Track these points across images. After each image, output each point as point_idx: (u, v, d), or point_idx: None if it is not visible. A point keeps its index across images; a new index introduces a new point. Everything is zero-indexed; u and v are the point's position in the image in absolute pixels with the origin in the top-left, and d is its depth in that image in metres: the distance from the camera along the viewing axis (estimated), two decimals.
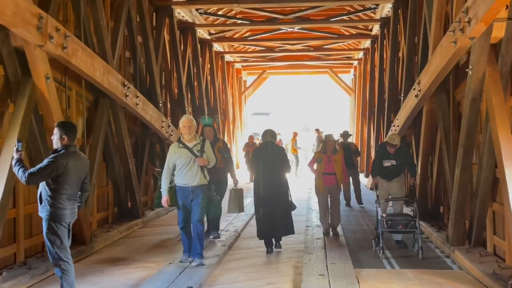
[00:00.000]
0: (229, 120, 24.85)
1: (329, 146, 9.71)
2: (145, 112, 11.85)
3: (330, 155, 9.68)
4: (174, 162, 7.87)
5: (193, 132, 7.88)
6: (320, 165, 9.76)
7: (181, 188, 7.85)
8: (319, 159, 9.78)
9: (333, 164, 9.66)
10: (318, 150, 10.21)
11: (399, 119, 12.52)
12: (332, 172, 9.70)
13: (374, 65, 20.61)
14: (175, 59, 16.12)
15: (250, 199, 15.46)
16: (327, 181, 9.74)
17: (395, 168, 9.25)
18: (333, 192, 9.93)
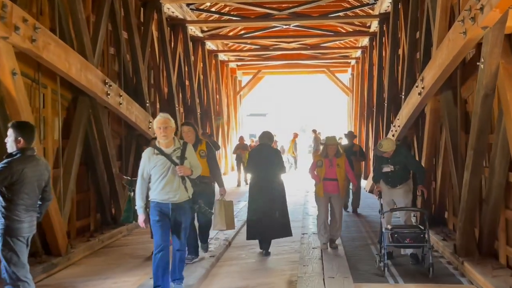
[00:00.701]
0: (223, 121, 24.09)
1: (331, 150, 8.58)
2: (129, 112, 11.11)
3: (332, 158, 8.63)
4: (148, 172, 6.25)
5: (170, 135, 6.24)
6: (320, 169, 8.69)
7: (158, 205, 6.19)
8: (319, 162, 8.71)
9: (335, 168, 8.59)
10: (319, 153, 9.14)
11: (400, 119, 11.79)
12: (334, 177, 8.61)
13: (373, 64, 19.88)
14: (164, 57, 15.37)
15: (243, 203, 14.79)
16: (328, 187, 8.67)
17: (396, 174, 8.16)
18: (335, 200, 8.82)
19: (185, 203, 6.27)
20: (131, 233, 11.07)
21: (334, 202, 8.86)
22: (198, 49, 19.86)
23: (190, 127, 7.96)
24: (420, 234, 7.46)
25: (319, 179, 8.68)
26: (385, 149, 7.98)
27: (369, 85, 20.27)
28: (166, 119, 6.23)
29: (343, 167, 8.65)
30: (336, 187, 8.67)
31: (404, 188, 8.30)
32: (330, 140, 8.86)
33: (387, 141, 8.26)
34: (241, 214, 13.05)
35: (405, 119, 11.14)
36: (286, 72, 30.63)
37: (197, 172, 6.42)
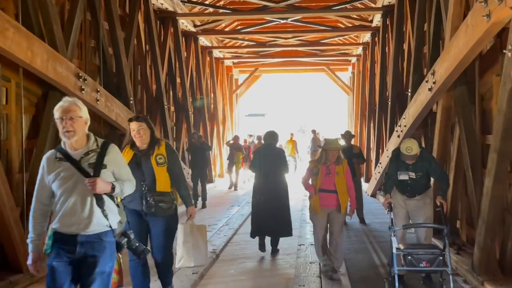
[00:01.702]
0: (218, 121, 23.05)
1: (331, 156, 6.97)
2: (109, 109, 10.08)
3: (331, 165, 7.04)
4: (49, 187, 4.08)
5: (80, 130, 4.10)
6: (315, 178, 7.06)
7: (61, 237, 4.01)
8: (314, 170, 7.04)
9: (334, 177, 6.98)
10: (316, 158, 7.27)
11: (406, 118, 10.77)
12: (332, 189, 6.99)
13: (375, 61, 18.88)
14: (152, 52, 14.34)
15: (236, 209, 13.77)
16: (325, 201, 7.03)
17: (416, 182, 6.79)
18: (333, 217, 7.14)
19: (103, 236, 4.02)
20: None
21: (332, 219, 7.18)
22: (190, 45, 18.82)
23: (142, 123, 5.66)
24: (438, 255, 6.04)
25: (314, 191, 7.08)
26: (414, 152, 6.56)
27: (370, 83, 19.24)
28: (71, 105, 4.10)
29: (343, 177, 7.02)
30: (334, 201, 7.01)
31: (424, 199, 6.93)
32: (331, 143, 7.11)
33: (413, 142, 6.65)
34: (232, 221, 12.03)
35: (412, 119, 10.12)
36: (284, 71, 29.58)
37: (127, 190, 4.20)
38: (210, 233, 10.54)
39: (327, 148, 7.04)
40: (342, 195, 7.02)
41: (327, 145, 7.11)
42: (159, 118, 14.70)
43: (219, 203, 15.77)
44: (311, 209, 7.27)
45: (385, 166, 13.78)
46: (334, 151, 7.04)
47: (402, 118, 11.28)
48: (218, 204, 15.55)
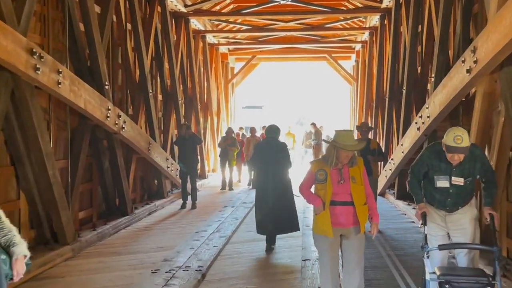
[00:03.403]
0: (212, 112, 21.32)
1: (345, 157, 5.08)
2: (75, 95, 8.37)
3: (344, 167, 5.15)
4: None
5: None
6: (323, 186, 5.13)
7: None
8: (320, 174, 5.12)
9: (349, 184, 5.10)
10: (321, 157, 5.50)
11: (430, 107, 9.09)
12: (348, 200, 5.10)
13: (384, 45, 17.16)
14: (135, 31, 12.61)
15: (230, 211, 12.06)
16: (338, 218, 5.10)
17: (460, 191, 5.07)
18: (351, 241, 5.21)
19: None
20: (78, 254, 8.41)
21: (347, 244, 5.24)
22: (181, 27, 17.06)
23: None
24: (486, 285, 4.58)
25: (321, 203, 5.13)
26: (465, 143, 4.80)
27: (378, 70, 17.53)
28: None
29: (361, 182, 5.15)
30: (351, 217, 5.10)
31: (469, 212, 5.19)
32: (345, 137, 5.08)
33: (462, 130, 4.88)
34: (224, 227, 10.38)
35: (440, 108, 8.45)
36: (283, 59, 27.79)
37: None
38: (198, 242, 8.96)
39: (342, 148, 5.03)
40: (361, 208, 5.13)
41: (340, 142, 5.04)
42: (143, 107, 13.00)
43: (211, 203, 14.12)
44: (317, 230, 5.23)
45: (398, 163, 12.13)
46: (348, 153, 5.07)
47: (424, 107, 9.61)
48: (210, 204, 13.89)
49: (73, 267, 7.75)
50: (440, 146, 5.01)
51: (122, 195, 11.02)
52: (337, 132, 5.21)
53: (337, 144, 5.06)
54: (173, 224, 11.05)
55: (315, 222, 5.26)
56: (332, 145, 5.13)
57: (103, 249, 8.84)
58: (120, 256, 8.36)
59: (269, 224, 8.50)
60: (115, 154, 10.68)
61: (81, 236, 8.93)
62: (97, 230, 9.53)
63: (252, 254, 8.45)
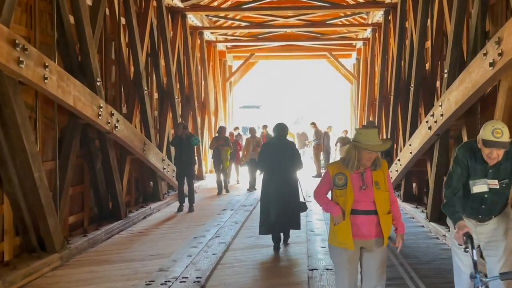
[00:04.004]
0: (210, 111, 20.71)
1: (368, 159, 4.45)
2: (63, 91, 7.76)
3: (366, 170, 4.53)
4: None
5: None
6: (342, 192, 4.50)
7: None
8: (339, 179, 4.51)
9: (372, 190, 4.48)
10: (342, 158, 4.70)
11: (444, 105, 8.51)
12: (371, 209, 4.48)
13: (388, 42, 16.61)
14: (129, 26, 12.00)
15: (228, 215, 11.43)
16: (360, 229, 4.48)
17: (496, 196, 4.36)
18: (372, 254, 4.57)
19: None
20: (68, 263, 7.81)
21: (368, 257, 4.58)
22: (177, 23, 16.47)
23: None
24: None
25: (340, 212, 4.51)
26: (506, 137, 4.10)
27: (382, 68, 16.96)
28: None
29: (385, 188, 4.52)
30: (373, 227, 4.48)
31: (503, 222, 4.45)
32: (369, 135, 4.45)
33: (501, 123, 4.22)
34: (224, 232, 9.77)
35: (456, 105, 7.87)
36: (282, 57, 27.16)
37: None
38: (195, 249, 8.36)
39: (365, 148, 4.40)
40: (385, 218, 4.49)
41: (363, 141, 4.42)
42: (138, 106, 12.40)
43: (209, 206, 13.54)
44: (335, 242, 4.58)
45: (405, 164, 11.55)
46: (371, 154, 4.43)
47: (436, 105, 9.03)
48: (208, 207, 13.31)
49: (61, 277, 7.16)
50: (474, 144, 4.33)
51: (116, 198, 10.41)
52: (359, 130, 4.59)
53: (359, 144, 4.43)
54: (170, 229, 10.45)
55: (333, 233, 4.61)
56: (353, 145, 4.48)
57: (95, 257, 8.24)
58: (112, 264, 7.76)
59: (274, 224, 8.40)
60: (108, 154, 10.07)
61: (71, 242, 8.32)
62: (88, 236, 8.92)
63: (254, 262, 7.86)
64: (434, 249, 8.43)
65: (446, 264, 7.58)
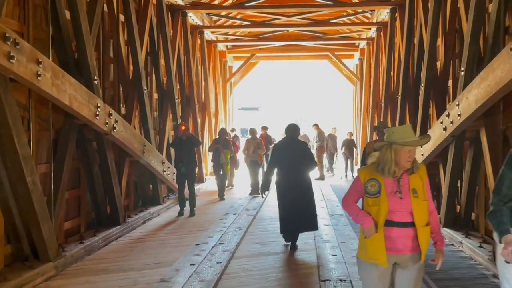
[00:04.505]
0: (210, 112, 20.24)
1: (406, 160, 3.92)
2: (58, 90, 7.28)
3: (403, 175, 4.00)
4: None
5: None
6: (375, 201, 3.98)
7: None
8: (371, 186, 3.99)
9: (409, 199, 3.94)
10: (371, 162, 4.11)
11: (462, 104, 8.04)
12: (408, 220, 3.95)
13: (394, 41, 16.17)
14: (128, 24, 11.53)
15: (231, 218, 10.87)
16: (394, 243, 3.96)
17: None
18: (407, 272, 4.04)
19: None
20: (62, 272, 7.32)
21: (404, 276, 4.06)
22: (178, 21, 16.01)
23: None
24: None
25: (372, 224, 3.97)
26: None
27: (388, 68, 16.51)
28: None
29: (424, 196, 3.99)
30: (409, 241, 3.96)
31: None
32: (404, 132, 3.96)
33: None
34: (228, 238, 9.28)
35: (476, 104, 7.40)
36: (283, 57, 26.71)
37: None
38: (199, 257, 7.88)
39: (403, 144, 3.88)
40: (423, 231, 3.96)
41: (398, 139, 3.90)
42: (137, 106, 11.92)
43: (210, 209, 13.08)
44: (365, 257, 4.05)
45: None
46: (412, 148, 3.93)
47: (453, 105, 8.55)
48: (209, 211, 12.84)
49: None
50: None
51: (114, 202, 9.92)
52: (391, 129, 4.05)
53: (395, 142, 3.91)
54: (171, 235, 9.97)
55: (363, 246, 4.09)
56: (388, 146, 3.96)
57: (91, 266, 7.75)
58: (110, 274, 7.28)
59: (292, 224, 8.47)
60: (106, 157, 9.59)
61: (66, 250, 7.84)
62: (84, 242, 8.44)
63: (262, 271, 7.37)
64: (451, 258, 7.95)
65: (465, 274, 7.14)
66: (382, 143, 4.02)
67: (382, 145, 4.01)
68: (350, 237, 9.23)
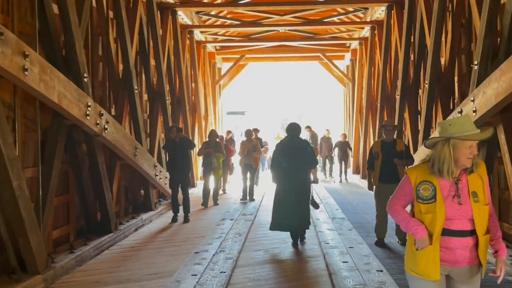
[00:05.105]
0: (200, 115, 19.66)
1: (467, 158, 3.36)
2: (46, 86, 6.69)
3: (462, 176, 3.46)
4: None
5: None
6: (429, 208, 3.40)
7: None
8: (425, 189, 3.42)
9: (469, 203, 3.39)
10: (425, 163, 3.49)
11: (478, 100, 7.58)
12: (468, 229, 3.39)
13: (390, 39, 15.75)
14: (118, 21, 10.96)
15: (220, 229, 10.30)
16: (451, 254, 3.41)
17: None
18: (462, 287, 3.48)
19: None
20: (52, 285, 6.70)
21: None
22: (167, 20, 15.46)
23: None
24: None
25: (425, 234, 3.40)
26: None
27: (384, 67, 16.08)
28: None
29: (484, 199, 3.44)
30: (467, 252, 3.41)
31: None
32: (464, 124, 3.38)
33: None
34: (228, 246, 8.72)
35: (496, 99, 6.93)
36: (273, 59, 26.18)
37: None
38: (200, 266, 7.31)
39: (464, 138, 3.32)
40: (484, 239, 3.41)
41: (457, 132, 3.34)
42: (128, 106, 11.33)
43: (205, 215, 12.51)
44: (414, 271, 3.47)
45: None
46: (473, 142, 3.36)
47: (467, 101, 8.09)
48: (204, 217, 12.28)
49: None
50: None
51: (105, 208, 9.32)
52: (447, 121, 3.45)
53: (453, 136, 3.35)
54: (166, 242, 9.38)
55: (413, 258, 3.50)
56: (445, 142, 3.38)
57: (83, 278, 7.15)
58: (104, 287, 6.69)
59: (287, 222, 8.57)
60: (96, 160, 8.99)
61: (56, 261, 7.22)
62: (75, 252, 7.83)
63: (269, 281, 6.82)
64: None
65: None
66: (436, 139, 3.46)
67: (436, 141, 3.44)
68: (358, 242, 8.72)
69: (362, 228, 10.11)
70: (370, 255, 7.68)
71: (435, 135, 3.96)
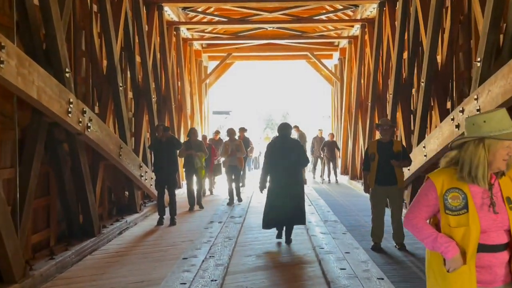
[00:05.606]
0: (186, 114, 19.17)
1: (503, 159, 2.89)
2: (24, 80, 6.21)
3: (496, 182, 2.98)
4: None
5: None
6: (459, 220, 2.91)
7: None
8: (454, 198, 2.91)
9: (505, 213, 2.91)
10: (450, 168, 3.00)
11: (482, 98, 7.22)
12: (503, 242, 2.94)
13: (382, 37, 15.42)
14: (102, 14, 10.48)
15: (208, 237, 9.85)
16: (486, 273, 2.94)
17: None
18: None
19: None
20: None
21: None
22: (153, 16, 14.98)
23: None
24: None
25: (457, 253, 2.90)
26: None
27: (375, 66, 15.75)
28: None
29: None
30: (503, 269, 2.96)
31: None
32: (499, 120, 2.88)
33: None
34: (218, 251, 8.28)
35: (503, 97, 6.56)
36: (260, 57, 25.74)
37: None
38: (189, 274, 6.86)
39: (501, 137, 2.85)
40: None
41: (494, 131, 2.86)
42: (112, 104, 10.85)
43: (193, 218, 12.07)
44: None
45: (416, 169, 10.28)
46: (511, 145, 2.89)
47: (470, 99, 7.74)
48: (191, 219, 11.84)
49: None
50: None
51: (87, 211, 8.84)
52: (481, 117, 2.94)
53: (488, 136, 2.86)
54: (152, 247, 8.93)
55: (444, 282, 2.97)
56: (479, 142, 2.90)
57: (64, 286, 6.69)
58: None
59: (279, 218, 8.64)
60: (79, 160, 8.51)
61: (34, 268, 6.74)
62: (55, 258, 7.34)
63: None
64: None
65: None
66: (464, 138, 2.98)
67: (465, 141, 2.96)
68: (354, 246, 8.32)
69: (356, 232, 9.72)
70: (368, 261, 7.28)
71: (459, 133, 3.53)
